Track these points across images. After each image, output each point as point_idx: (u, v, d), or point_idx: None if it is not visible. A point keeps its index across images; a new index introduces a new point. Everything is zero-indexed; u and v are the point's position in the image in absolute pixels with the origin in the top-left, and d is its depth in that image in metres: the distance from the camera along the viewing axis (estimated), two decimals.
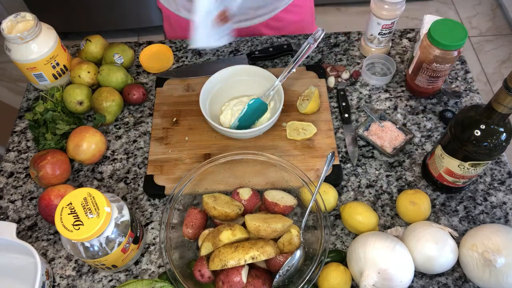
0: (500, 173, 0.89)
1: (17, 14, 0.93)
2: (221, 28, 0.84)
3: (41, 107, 0.94)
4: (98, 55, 1.05)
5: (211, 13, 0.79)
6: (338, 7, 2.60)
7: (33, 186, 0.91)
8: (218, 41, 0.86)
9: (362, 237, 0.75)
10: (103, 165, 0.93)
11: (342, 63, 1.06)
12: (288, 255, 0.72)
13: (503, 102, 0.65)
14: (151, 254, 0.82)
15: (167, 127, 0.95)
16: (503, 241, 0.71)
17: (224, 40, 0.87)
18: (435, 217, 0.84)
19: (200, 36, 0.82)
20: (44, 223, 0.86)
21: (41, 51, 0.93)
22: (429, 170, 0.85)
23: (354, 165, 0.90)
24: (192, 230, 0.77)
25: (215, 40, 0.85)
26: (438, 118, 0.96)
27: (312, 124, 0.92)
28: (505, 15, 2.52)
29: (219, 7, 0.80)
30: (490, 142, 0.70)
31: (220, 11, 0.81)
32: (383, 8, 0.95)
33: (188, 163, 0.90)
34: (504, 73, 2.28)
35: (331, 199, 0.81)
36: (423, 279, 0.77)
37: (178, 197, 0.77)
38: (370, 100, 1.00)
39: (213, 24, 0.82)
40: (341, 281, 0.72)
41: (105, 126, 0.98)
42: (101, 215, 0.66)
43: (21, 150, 0.96)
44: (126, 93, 0.98)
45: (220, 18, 0.82)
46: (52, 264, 0.81)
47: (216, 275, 0.71)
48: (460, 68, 1.05)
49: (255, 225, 0.71)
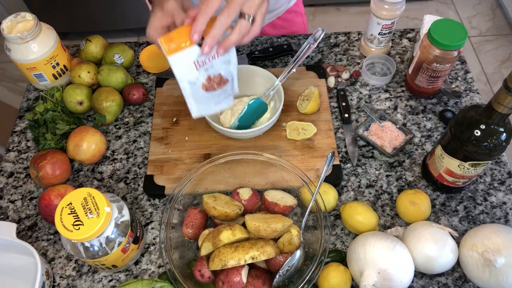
0: (500, 173, 0.89)
1: (17, 14, 0.93)
2: (217, 92, 0.72)
3: (41, 107, 0.94)
4: (98, 55, 1.05)
5: (196, 82, 0.69)
6: (338, 7, 2.60)
7: (33, 186, 0.91)
8: (218, 105, 0.76)
9: (362, 237, 0.75)
10: (103, 165, 0.93)
11: (342, 63, 1.06)
12: (288, 255, 0.72)
13: (503, 102, 0.65)
14: (151, 254, 0.82)
15: (167, 127, 0.95)
16: (503, 241, 0.71)
17: (225, 103, 0.77)
18: (435, 217, 0.84)
19: (196, 105, 0.72)
20: (44, 223, 0.86)
21: (41, 51, 0.93)
22: (429, 170, 0.85)
23: (354, 165, 0.90)
24: (192, 230, 0.77)
25: (214, 104, 0.75)
26: (438, 118, 0.96)
27: (312, 124, 0.92)
28: (505, 15, 2.52)
29: (202, 75, 0.68)
30: (490, 142, 0.70)
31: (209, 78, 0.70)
32: (383, 8, 0.95)
33: (188, 163, 0.90)
34: (504, 73, 2.28)
35: (331, 199, 0.81)
36: (423, 279, 0.77)
37: (178, 197, 0.77)
38: (370, 100, 1.00)
39: (204, 92, 0.71)
40: (341, 281, 0.72)
41: (105, 126, 0.98)
42: (101, 215, 0.66)
43: (21, 150, 0.96)
44: (126, 93, 0.98)
45: (211, 84, 0.71)
46: (52, 264, 0.81)
47: (216, 275, 0.71)
48: (460, 68, 1.05)
49: (255, 225, 0.71)
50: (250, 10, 0.64)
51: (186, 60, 0.65)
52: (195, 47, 0.64)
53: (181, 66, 0.65)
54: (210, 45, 0.64)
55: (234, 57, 0.71)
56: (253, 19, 0.65)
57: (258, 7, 0.65)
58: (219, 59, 0.69)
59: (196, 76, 0.68)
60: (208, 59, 0.67)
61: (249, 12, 0.64)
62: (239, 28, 0.64)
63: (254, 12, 0.64)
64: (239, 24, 0.64)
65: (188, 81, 0.68)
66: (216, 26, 0.62)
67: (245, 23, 0.64)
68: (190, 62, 0.65)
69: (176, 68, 0.65)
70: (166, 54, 0.63)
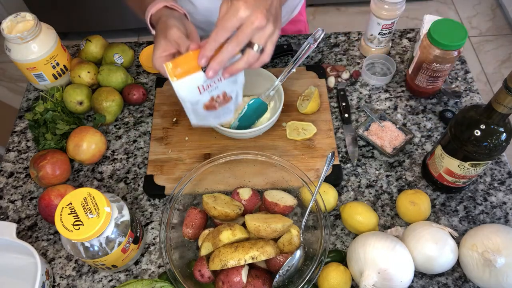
0: (500, 173, 0.89)
1: (17, 14, 0.93)
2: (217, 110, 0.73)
3: (41, 107, 0.94)
4: (98, 55, 1.05)
5: (198, 103, 0.69)
6: (338, 7, 2.59)
7: (33, 186, 0.91)
8: (217, 119, 0.76)
9: (362, 237, 0.75)
10: (103, 165, 0.93)
11: (342, 63, 1.06)
12: (288, 255, 0.72)
13: (503, 102, 0.65)
14: (151, 254, 0.82)
15: (167, 127, 0.95)
16: (503, 241, 0.71)
17: (225, 118, 0.76)
18: (435, 217, 0.84)
19: (194, 117, 0.72)
20: (44, 223, 0.86)
21: (41, 51, 0.93)
22: (429, 170, 0.85)
23: (354, 165, 0.90)
24: (192, 230, 0.77)
25: (213, 119, 0.75)
26: (438, 118, 0.96)
27: (312, 124, 0.92)
28: (505, 15, 2.52)
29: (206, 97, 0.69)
30: (490, 142, 0.70)
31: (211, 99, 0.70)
32: (383, 8, 0.95)
33: (188, 163, 0.90)
34: (504, 73, 2.28)
35: (331, 199, 0.81)
36: (423, 279, 0.77)
37: (178, 197, 0.77)
38: (370, 100, 1.00)
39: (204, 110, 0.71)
40: (341, 281, 0.72)
41: (105, 126, 0.98)
42: (101, 215, 0.66)
43: (21, 150, 0.96)
44: (126, 93, 0.98)
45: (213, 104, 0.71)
46: (52, 264, 0.81)
47: (216, 275, 0.71)
48: (460, 68, 1.05)
49: (255, 225, 0.71)
50: (260, 40, 0.64)
51: (190, 85, 0.66)
52: (200, 73, 0.65)
53: (185, 90, 0.67)
54: (214, 70, 0.64)
55: (241, 78, 0.72)
56: (263, 49, 0.65)
57: (269, 37, 0.64)
58: (225, 81, 0.69)
59: (199, 99, 0.69)
60: (213, 82, 0.68)
61: (259, 42, 0.64)
62: (246, 57, 0.65)
63: (264, 42, 0.64)
64: (247, 54, 0.65)
65: (190, 102, 0.69)
66: (223, 52, 0.63)
67: (253, 53, 0.64)
68: (194, 87, 0.66)
69: (179, 92, 0.66)
70: (171, 80, 0.64)
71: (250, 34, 0.62)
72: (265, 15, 0.61)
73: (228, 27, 0.61)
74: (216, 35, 0.62)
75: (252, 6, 0.61)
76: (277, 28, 0.65)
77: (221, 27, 0.61)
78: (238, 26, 0.62)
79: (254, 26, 0.61)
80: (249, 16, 0.61)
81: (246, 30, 0.61)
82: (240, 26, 0.62)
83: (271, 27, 0.63)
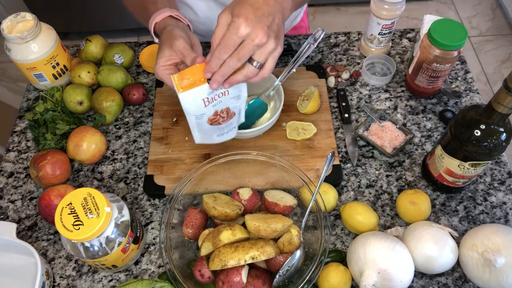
0: (500, 173, 0.89)
1: (17, 14, 0.93)
2: (221, 126, 0.75)
3: (41, 107, 0.94)
4: (98, 55, 1.05)
5: (202, 117, 0.71)
6: (338, 7, 2.60)
7: (33, 186, 0.91)
8: (221, 136, 0.78)
9: (362, 237, 0.75)
10: (103, 165, 0.93)
11: (342, 63, 1.06)
12: (288, 255, 0.72)
13: (503, 102, 0.65)
14: (151, 254, 0.82)
15: (167, 127, 0.95)
16: (503, 241, 0.71)
17: (229, 135, 0.79)
18: (435, 217, 0.84)
19: (198, 134, 0.75)
20: (44, 223, 0.86)
21: (41, 51, 0.93)
22: (429, 170, 0.85)
23: (354, 165, 0.90)
24: (192, 230, 0.77)
25: (217, 136, 0.77)
26: (438, 118, 0.96)
27: (312, 124, 0.92)
28: (505, 15, 2.52)
29: (210, 110, 0.71)
30: (490, 142, 0.70)
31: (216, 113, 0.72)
32: (383, 8, 0.95)
33: (188, 163, 0.90)
34: (504, 73, 2.28)
35: (331, 199, 0.81)
36: (423, 279, 0.77)
37: (178, 197, 0.77)
38: (370, 100, 1.00)
39: (209, 125, 0.73)
40: (341, 281, 0.72)
41: (105, 126, 0.98)
42: (101, 215, 0.66)
43: (21, 150, 0.96)
44: (126, 93, 0.98)
45: (217, 118, 0.73)
46: (52, 264, 0.81)
47: (216, 275, 0.71)
48: (460, 68, 1.05)
49: (255, 225, 0.71)
50: (260, 57, 0.64)
51: (196, 97, 0.67)
52: (205, 85, 0.66)
53: (191, 102, 0.68)
54: (218, 82, 0.65)
55: (245, 93, 0.73)
56: (262, 65, 0.66)
57: (270, 53, 0.65)
58: (229, 95, 0.71)
59: (204, 112, 0.70)
60: (218, 96, 0.69)
61: (258, 59, 0.64)
62: (246, 71, 0.65)
63: (264, 59, 0.65)
64: (246, 68, 0.65)
65: (195, 116, 0.70)
66: (224, 67, 0.64)
67: (251, 68, 0.65)
68: (199, 99, 0.68)
69: (185, 103, 0.68)
70: (178, 92, 0.66)
71: (251, 51, 0.63)
72: (266, 32, 0.62)
73: (230, 45, 0.62)
74: (219, 53, 0.63)
75: (253, 23, 0.61)
76: (279, 44, 0.65)
77: (223, 45, 0.62)
78: (239, 43, 0.62)
79: (254, 43, 0.61)
80: (250, 33, 0.61)
81: (247, 47, 0.62)
82: (242, 43, 0.62)
83: (272, 43, 0.64)
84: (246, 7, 0.61)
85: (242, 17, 0.60)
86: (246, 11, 0.61)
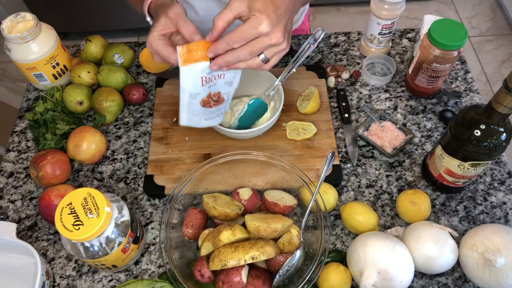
0: (500, 173, 0.89)
1: (17, 14, 0.93)
2: (211, 109, 0.75)
3: (41, 107, 0.94)
4: (98, 55, 1.05)
5: (196, 96, 0.71)
6: (338, 7, 2.60)
7: (33, 186, 0.91)
8: (208, 121, 0.78)
9: (362, 237, 0.75)
10: (103, 165, 0.93)
11: (342, 63, 1.06)
12: (288, 255, 0.72)
13: (503, 102, 0.65)
14: (151, 254, 0.82)
15: (167, 127, 0.95)
16: (503, 241, 0.71)
17: (216, 120, 0.80)
18: (435, 217, 0.84)
19: (187, 115, 0.74)
20: (44, 223, 0.86)
21: (41, 51, 0.93)
22: (429, 170, 0.85)
23: (354, 165, 0.90)
24: (192, 230, 0.77)
25: (205, 119, 0.77)
26: (438, 118, 0.96)
27: (312, 124, 0.92)
28: (505, 15, 2.52)
29: (205, 91, 0.71)
30: (490, 142, 0.70)
31: (209, 94, 0.72)
32: (383, 8, 0.95)
33: (188, 163, 0.90)
34: (504, 73, 2.28)
35: (331, 199, 0.81)
36: (423, 279, 0.77)
37: (178, 197, 0.77)
38: (370, 100, 1.00)
39: (200, 106, 0.73)
40: (341, 281, 0.72)
41: (105, 126, 0.98)
42: (101, 215, 0.66)
43: (21, 150, 0.96)
44: (126, 93, 0.98)
45: (209, 101, 0.73)
46: (52, 264, 0.81)
47: (216, 275, 0.71)
48: (460, 68, 1.05)
49: (255, 225, 0.71)
50: (269, 54, 0.65)
51: (196, 73, 0.67)
52: (207, 63, 0.66)
53: (191, 78, 0.67)
54: (219, 66, 0.65)
55: (237, 81, 0.74)
56: (268, 59, 0.66)
57: (279, 52, 0.65)
58: (224, 79, 0.71)
59: (199, 91, 0.70)
60: (214, 77, 0.69)
61: (267, 55, 0.65)
62: (250, 62, 0.65)
63: (271, 55, 0.65)
64: (252, 60, 0.65)
65: (190, 94, 0.69)
66: (233, 54, 0.63)
67: (257, 60, 0.65)
68: (198, 76, 0.67)
69: (185, 78, 0.67)
70: (181, 64, 0.65)
71: (265, 48, 0.63)
72: (283, 33, 0.62)
73: (245, 37, 0.61)
74: (231, 40, 0.62)
75: (274, 23, 0.61)
76: (288, 44, 0.66)
77: (238, 35, 0.61)
78: (254, 38, 0.62)
79: (271, 42, 0.62)
80: (269, 32, 0.61)
81: (262, 44, 0.62)
82: (257, 38, 0.62)
83: (285, 44, 0.64)
84: (268, 3, 0.61)
85: (264, 14, 0.60)
86: (268, 8, 0.60)
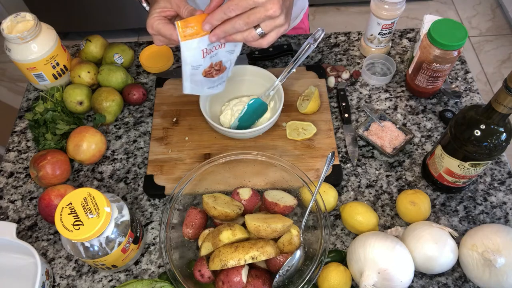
0: (500, 173, 0.89)
1: (17, 14, 0.93)
2: (214, 78, 0.77)
3: (41, 107, 0.94)
4: (98, 55, 1.05)
5: (198, 67, 0.72)
6: (338, 7, 2.60)
7: (33, 186, 0.91)
8: (211, 89, 0.80)
9: (362, 237, 0.75)
10: (103, 165, 0.93)
11: (342, 63, 1.06)
12: (288, 255, 0.72)
13: (503, 102, 0.65)
14: (151, 254, 0.82)
15: (167, 127, 0.95)
16: (503, 241, 0.71)
17: (218, 88, 0.81)
18: (435, 217, 0.84)
19: (190, 84, 0.75)
20: (44, 223, 0.86)
21: (41, 51, 0.93)
22: (429, 170, 0.85)
23: (354, 165, 0.90)
24: (192, 230, 0.77)
25: (207, 88, 0.79)
26: (438, 118, 0.96)
27: (312, 124, 0.92)
28: (505, 15, 2.52)
29: (207, 62, 0.72)
30: (490, 142, 0.70)
31: (211, 65, 0.73)
32: (383, 8, 0.95)
33: (188, 163, 0.90)
34: (504, 73, 2.28)
35: (331, 199, 0.81)
36: (423, 279, 0.77)
37: (178, 197, 0.77)
38: (370, 100, 1.00)
39: (203, 77, 0.74)
40: (341, 281, 0.72)
41: (105, 126, 0.98)
42: (101, 215, 0.66)
43: (21, 150, 0.96)
44: (126, 93, 0.98)
45: (211, 71, 0.74)
46: (52, 264, 0.81)
47: (216, 275, 0.71)
48: (460, 68, 1.05)
49: (255, 225, 0.71)
50: (266, 27, 0.65)
51: (196, 47, 0.67)
52: (207, 36, 0.66)
53: (191, 51, 0.67)
54: (218, 37, 0.65)
55: (239, 48, 0.74)
56: (265, 34, 0.66)
57: (276, 27, 0.65)
58: (224, 48, 0.71)
59: (201, 63, 0.70)
60: (215, 48, 0.70)
61: (264, 29, 0.65)
62: (246, 34, 0.65)
63: (269, 30, 0.65)
64: (248, 32, 0.65)
65: (192, 66, 0.70)
66: (229, 25, 0.64)
67: (253, 33, 0.65)
68: (199, 49, 0.68)
69: (185, 52, 0.67)
70: (181, 39, 0.65)
71: (260, 19, 0.63)
72: (281, 6, 0.62)
73: (242, 6, 0.62)
74: (228, 9, 0.62)
75: None
76: (287, 22, 0.66)
77: (235, 3, 0.61)
78: (251, 8, 0.62)
79: (267, 13, 0.62)
80: (266, 2, 0.61)
81: (259, 14, 0.62)
82: (254, 8, 0.62)
83: (282, 19, 0.64)
84: None
85: None
86: None
